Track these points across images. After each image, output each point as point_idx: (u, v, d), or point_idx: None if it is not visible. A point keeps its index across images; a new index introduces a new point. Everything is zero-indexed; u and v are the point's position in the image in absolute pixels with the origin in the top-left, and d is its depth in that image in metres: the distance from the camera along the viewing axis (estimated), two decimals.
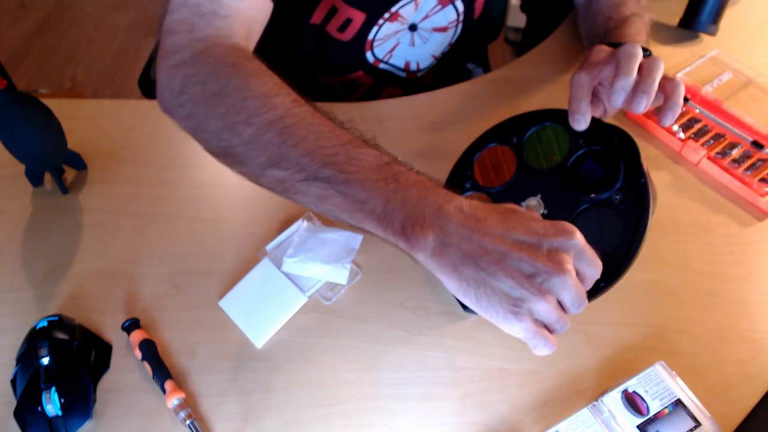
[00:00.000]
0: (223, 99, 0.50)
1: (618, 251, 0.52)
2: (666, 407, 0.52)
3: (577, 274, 0.43)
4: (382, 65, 0.85)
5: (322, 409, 0.55)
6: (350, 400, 0.55)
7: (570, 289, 0.41)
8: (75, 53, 2.14)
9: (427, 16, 0.79)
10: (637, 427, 0.51)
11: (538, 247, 0.41)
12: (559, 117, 0.59)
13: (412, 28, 0.81)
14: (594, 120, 0.57)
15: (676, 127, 0.74)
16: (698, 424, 0.51)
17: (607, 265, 0.52)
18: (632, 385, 0.53)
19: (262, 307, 0.61)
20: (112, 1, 2.35)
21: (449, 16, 0.80)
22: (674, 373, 0.54)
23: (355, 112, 0.79)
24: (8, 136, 0.63)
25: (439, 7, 0.78)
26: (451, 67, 0.95)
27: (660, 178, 0.71)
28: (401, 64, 0.86)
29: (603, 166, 0.56)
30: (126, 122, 0.78)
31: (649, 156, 0.72)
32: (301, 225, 0.65)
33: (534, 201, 0.57)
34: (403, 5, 0.76)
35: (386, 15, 0.76)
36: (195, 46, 0.54)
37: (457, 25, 0.83)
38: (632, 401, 0.52)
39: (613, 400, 0.52)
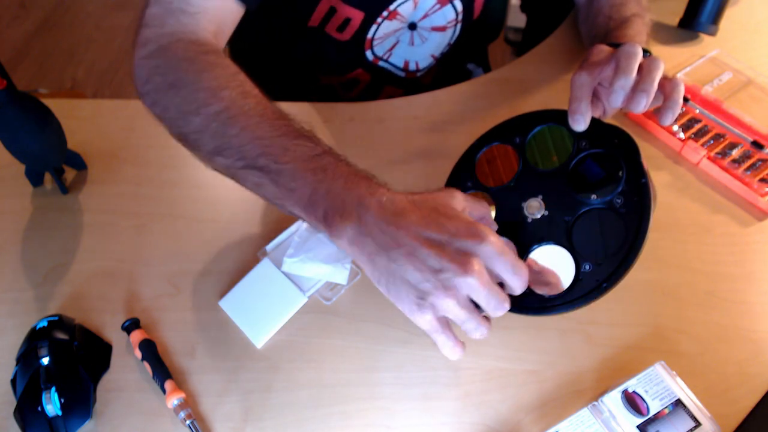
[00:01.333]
0: (179, 91, 0.55)
1: (620, 252, 0.52)
2: (666, 407, 0.52)
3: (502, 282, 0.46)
4: (381, 63, 0.85)
5: (322, 409, 0.55)
6: (350, 400, 0.55)
7: (478, 290, 0.43)
8: (75, 53, 2.14)
9: (426, 15, 0.79)
10: (637, 427, 0.51)
11: (446, 245, 0.44)
12: (563, 118, 0.59)
13: (412, 26, 0.81)
14: (594, 120, 0.57)
15: (676, 127, 0.74)
16: (698, 424, 0.51)
17: (609, 266, 0.52)
18: (632, 385, 0.53)
19: (262, 307, 0.61)
20: (112, 1, 2.35)
21: (448, 15, 0.80)
22: (674, 373, 0.54)
23: (355, 111, 0.79)
24: (8, 136, 0.63)
25: (438, 6, 0.78)
26: (451, 68, 0.95)
27: (660, 178, 0.71)
28: (400, 63, 0.86)
29: (603, 165, 0.56)
30: (126, 122, 0.78)
31: (649, 156, 0.72)
32: (301, 225, 0.65)
33: (535, 202, 0.57)
34: (401, 3, 0.76)
35: (384, 13, 0.76)
36: (161, 41, 0.58)
37: (455, 25, 0.83)
38: (632, 401, 0.52)
39: (613, 400, 0.52)
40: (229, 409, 0.55)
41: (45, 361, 0.54)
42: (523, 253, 0.56)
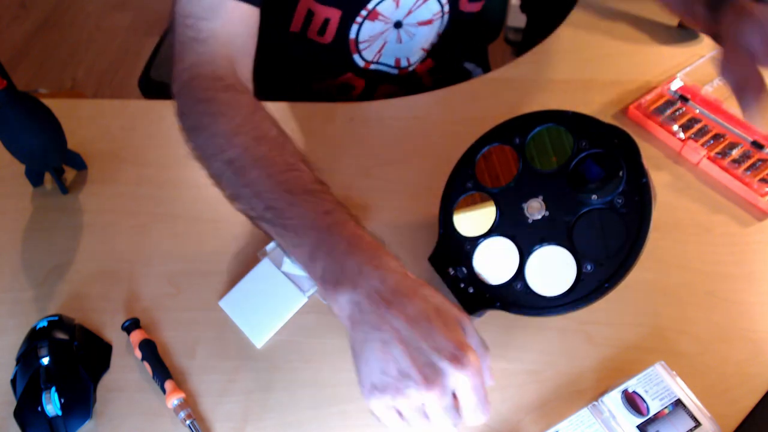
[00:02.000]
0: (200, 134, 0.56)
1: (621, 252, 0.52)
2: (666, 407, 0.52)
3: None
4: (372, 66, 0.85)
5: (322, 409, 0.55)
6: (350, 400, 0.55)
7: (434, 409, 0.41)
8: (75, 53, 2.14)
9: (410, 12, 0.79)
10: (637, 427, 0.51)
11: (422, 355, 0.41)
12: (563, 118, 0.58)
13: (397, 25, 0.80)
14: (594, 120, 0.57)
15: (676, 127, 0.74)
16: (698, 424, 0.51)
17: (610, 266, 0.52)
18: (632, 385, 0.53)
19: (262, 307, 0.61)
20: (112, 1, 2.35)
21: (433, 8, 0.80)
22: (674, 373, 0.54)
23: (355, 112, 0.79)
24: (8, 136, 0.63)
25: (421, 1, 0.78)
26: (449, 65, 0.95)
27: (660, 178, 0.71)
28: (391, 61, 0.86)
29: (603, 165, 0.56)
30: (126, 122, 0.78)
31: (649, 156, 0.72)
32: None
33: (535, 203, 0.57)
34: (380, 2, 0.75)
35: (363, 12, 0.76)
36: (183, 77, 0.58)
37: (442, 16, 0.82)
38: (632, 401, 0.52)
39: (613, 400, 0.52)
40: (229, 409, 0.55)
41: (45, 361, 0.54)
42: (524, 254, 0.56)
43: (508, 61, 0.85)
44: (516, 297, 0.55)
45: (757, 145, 0.71)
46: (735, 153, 0.71)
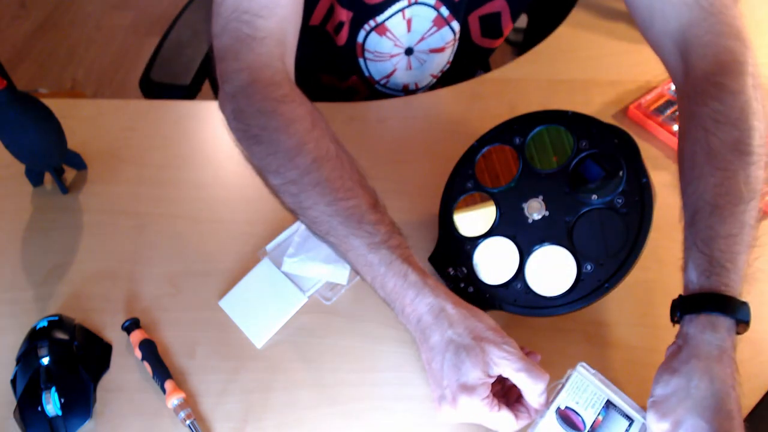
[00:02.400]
0: (259, 146, 0.55)
1: (621, 252, 0.52)
2: (599, 414, 0.49)
3: None
4: (378, 87, 0.85)
5: (322, 409, 0.55)
6: (350, 400, 0.55)
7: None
8: (75, 53, 2.14)
9: (422, 39, 0.79)
10: None
11: (438, 388, 0.49)
12: (563, 118, 0.58)
13: (408, 52, 0.80)
14: (594, 120, 0.57)
15: (676, 127, 0.74)
16: (631, 421, 0.48)
17: (610, 266, 0.52)
18: (563, 400, 0.49)
19: (262, 307, 0.61)
20: (112, 1, 2.35)
21: (446, 36, 0.79)
22: (595, 371, 0.51)
23: (356, 112, 0.79)
24: (8, 136, 0.63)
25: (435, 29, 0.78)
26: (453, 79, 0.94)
27: (660, 178, 0.71)
28: (399, 86, 0.86)
29: (603, 166, 0.56)
30: (126, 122, 0.78)
31: (649, 156, 0.72)
32: (301, 225, 0.65)
33: (536, 203, 0.57)
34: (389, 17, 0.75)
35: (371, 22, 0.76)
36: (240, 78, 0.57)
37: (454, 44, 0.82)
38: (568, 419, 0.49)
39: (549, 425, 0.49)
40: (229, 409, 0.55)
41: (45, 361, 0.54)
42: (524, 254, 0.56)
43: (508, 61, 0.85)
44: (516, 297, 0.55)
45: None
46: None
